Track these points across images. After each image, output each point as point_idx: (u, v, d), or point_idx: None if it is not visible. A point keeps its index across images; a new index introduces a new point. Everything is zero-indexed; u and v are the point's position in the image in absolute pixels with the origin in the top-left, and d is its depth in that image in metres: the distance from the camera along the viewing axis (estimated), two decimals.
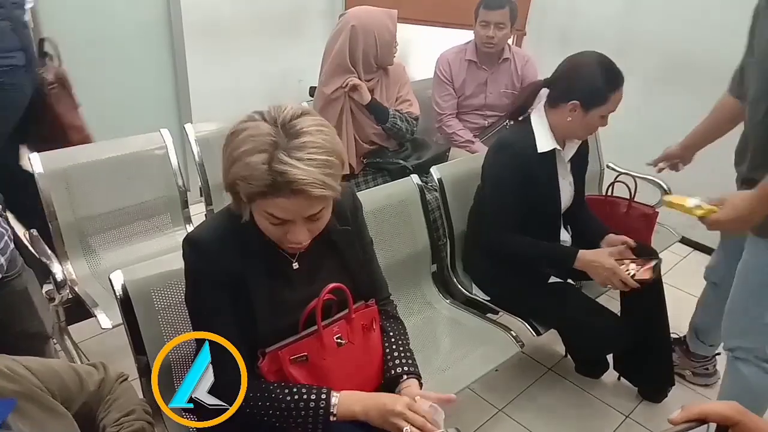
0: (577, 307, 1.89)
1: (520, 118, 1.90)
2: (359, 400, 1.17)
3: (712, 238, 2.09)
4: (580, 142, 1.91)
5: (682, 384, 2.25)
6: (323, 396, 1.16)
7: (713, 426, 0.66)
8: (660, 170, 2.18)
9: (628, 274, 1.73)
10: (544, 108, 1.82)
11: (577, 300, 1.92)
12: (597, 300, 1.98)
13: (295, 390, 1.17)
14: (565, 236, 2.01)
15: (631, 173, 2.41)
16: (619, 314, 2.01)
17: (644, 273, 1.74)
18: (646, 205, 2.32)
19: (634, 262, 1.78)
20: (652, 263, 1.77)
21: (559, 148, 1.81)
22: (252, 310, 1.17)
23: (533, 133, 1.80)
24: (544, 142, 1.79)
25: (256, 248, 1.17)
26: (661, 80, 3.10)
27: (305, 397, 1.16)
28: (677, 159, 2.09)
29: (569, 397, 2.20)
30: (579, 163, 1.96)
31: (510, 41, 2.80)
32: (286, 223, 1.08)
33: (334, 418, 1.15)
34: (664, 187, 2.51)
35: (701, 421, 0.65)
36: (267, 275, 1.19)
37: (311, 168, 1.00)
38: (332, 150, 1.04)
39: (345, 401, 1.17)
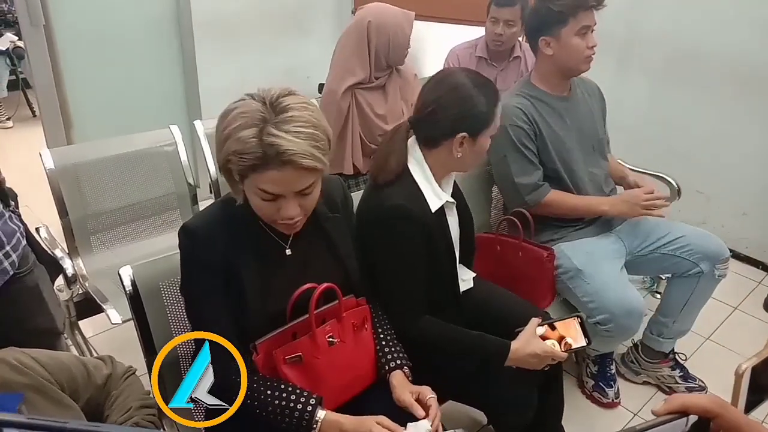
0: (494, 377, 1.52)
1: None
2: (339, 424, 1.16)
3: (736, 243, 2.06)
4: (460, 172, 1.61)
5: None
6: (308, 410, 1.16)
7: (693, 418, 0.68)
8: None
9: (565, 347, 1.45)
10: (421, 152, 1.49)
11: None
12: None
13: (284, 395, 1.17)
14: (466, 274, 1.69)
15: (639, 169, 2.29)
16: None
17: (578, 340, 1.46)
18: (542, 246, 1.89)
19: (552, 327, 1.48)
20: (576, 323, 1.47)
21: (451, 200, 1.52)
22: (243, 294, 1.20)
23: (420, 189, 1.46)
24: (434, 197, 1.47)
25: (249, 234, 1.21)
26: (669, 75, 3.04)
27: (291, 405, 1.16)
28: None
29: (574, 390, 2.20)
30: (457, 193, 1.62)
31: (521, 38, 2.78)
32: (278, 199, 1.12)
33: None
34: (674, 184, 2.31)
35: (683, 413, 0.67)
36: (259, 261, 1.22)
37: (299, 140, 1.06)
38: (318, 125, 1.11)
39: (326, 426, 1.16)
